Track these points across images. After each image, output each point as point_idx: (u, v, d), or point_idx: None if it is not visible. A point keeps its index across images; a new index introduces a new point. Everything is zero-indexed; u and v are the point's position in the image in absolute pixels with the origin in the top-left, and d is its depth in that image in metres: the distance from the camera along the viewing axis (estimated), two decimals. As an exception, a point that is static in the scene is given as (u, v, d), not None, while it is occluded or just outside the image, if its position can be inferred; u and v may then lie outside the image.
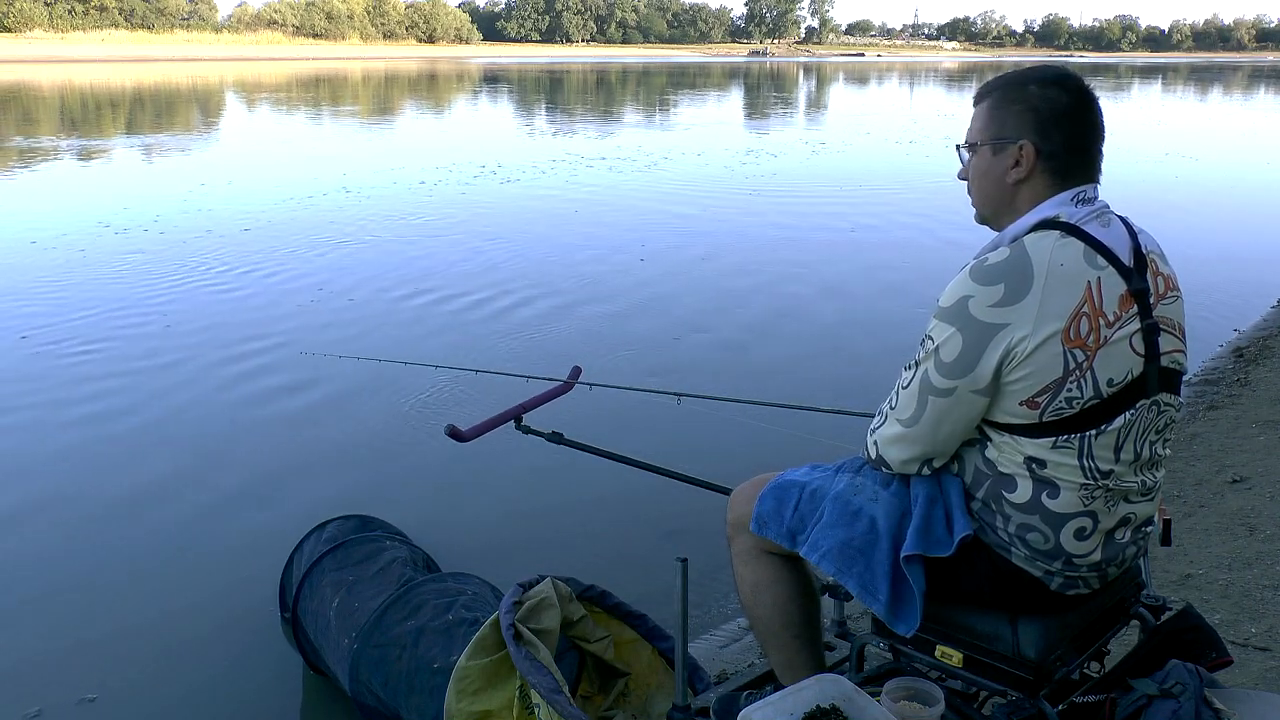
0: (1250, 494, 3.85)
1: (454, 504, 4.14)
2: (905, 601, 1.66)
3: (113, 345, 6.17)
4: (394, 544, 3.10)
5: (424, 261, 8.60)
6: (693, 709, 2.10)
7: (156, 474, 4.39)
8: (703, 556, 2.91)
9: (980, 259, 1.59)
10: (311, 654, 2.93)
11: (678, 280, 8.00)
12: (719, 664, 3.01)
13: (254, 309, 6.97)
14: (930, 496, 1.67)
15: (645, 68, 73.27)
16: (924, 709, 1.61)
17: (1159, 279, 1.63)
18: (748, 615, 1.97)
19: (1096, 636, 1.78)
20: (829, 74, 67.73)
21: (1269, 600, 3.01)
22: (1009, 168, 1.65)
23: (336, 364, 5.52)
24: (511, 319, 6.84)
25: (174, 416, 5.03)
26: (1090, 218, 1.60)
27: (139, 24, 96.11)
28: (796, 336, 6.54)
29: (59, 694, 2.94)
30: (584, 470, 3.93)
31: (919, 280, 7.85)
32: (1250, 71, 77.23)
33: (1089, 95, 1.63)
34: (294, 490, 4.25)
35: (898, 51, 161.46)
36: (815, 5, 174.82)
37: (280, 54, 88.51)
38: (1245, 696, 1.63)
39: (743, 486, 1.95)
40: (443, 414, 4.82)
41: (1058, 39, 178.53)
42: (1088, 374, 1.54)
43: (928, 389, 1.60)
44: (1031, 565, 1.63)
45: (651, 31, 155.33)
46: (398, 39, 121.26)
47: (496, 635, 2.28)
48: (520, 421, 2.72)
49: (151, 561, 3.67)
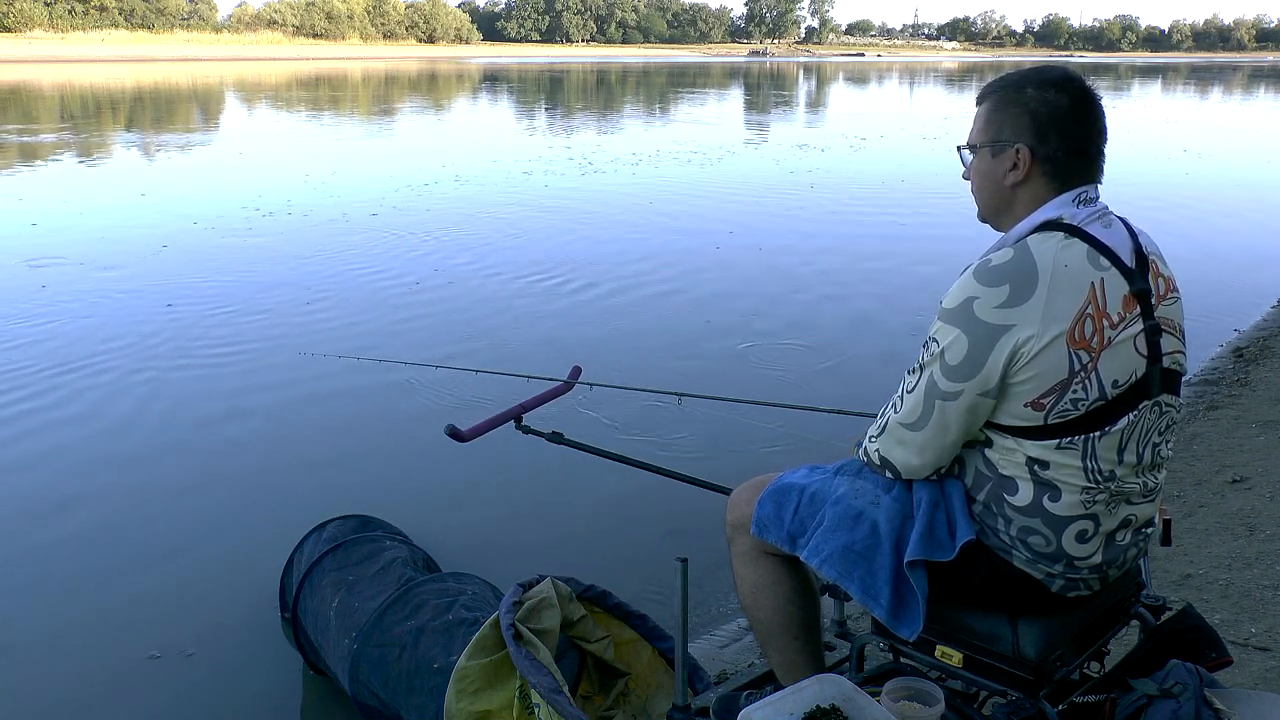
0: (1250, 494, 3.85)
1: (454, 504, 4.14)
2: (907, 605, 1.66)
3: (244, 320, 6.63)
4: (394, 544, 3.11)
5: (578, 246, 9.19)
6: (693, 709, 2.10)
7: (156, 473, 4.39)
8: (703, 556, 2.91)
9: (984, 260, 1.59)
10: (311, 654, 2.93)
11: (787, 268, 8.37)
12: (719, 664, 3.01)
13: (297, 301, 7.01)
14: (933, 500, 1.67)
15: (645, 68, 73.19)
16: (924, 709, 1.61)
17: (1160, 280, 1.63)
18: (748, 616, 1.97)
19: (1096, 636, 1.78)
20: (830, 74, 67.64)
21: (1269, 600, 3.01)
22: (1007, 170, 1.65)
23: (337, 364, 5.52)
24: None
25: (174, 414, 5.03)
26: (1092, 219, 1.60)
27: (139, 24, 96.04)
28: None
29: (60, 694, 2.94)
30: (584, 470, 3.93)
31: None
32: (1250, 71, 77.17)
33: (1089, 97, 1.62)
34: (294, 490, 4.25)
35: (897, 51, 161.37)
36: (815, 5, 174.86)
37: (280, 54, 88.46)
38: (1245, 696, 1.63)
39: (742, 487, 1.95)
40: (442, 414, 4.82)
41: (1058, 39, 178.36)
42: (1093, 375, 1.53)
43: (934, 393, 1.60)
44: (1033, 568, 1.63)
45: (651, 31, 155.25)
46: (398, 39, 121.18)
47: (496, 635, 2.28)
48: (520, 421, 2.72)
49: (151, 561, 3.67)
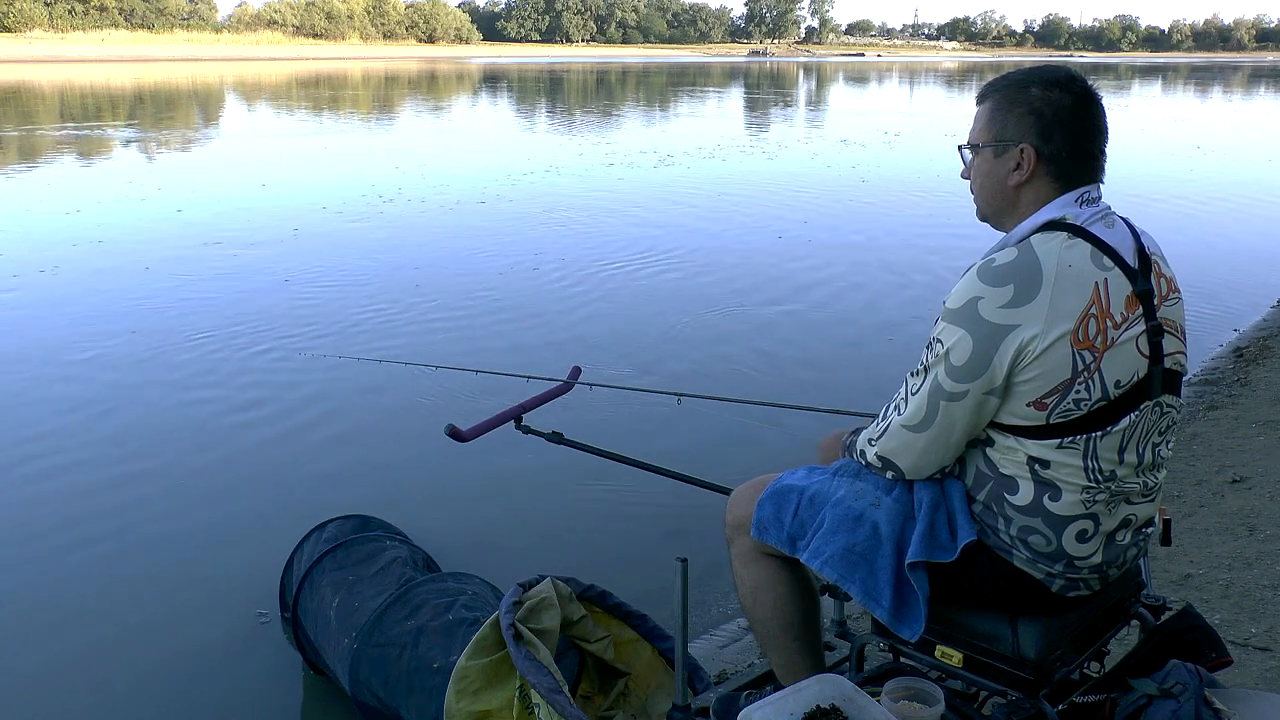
0: (1250, 494, 3.85)
1: (454, 504, 4.14)
2: (909, 606, 1.66)
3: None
4: (394, 544, 3.10)
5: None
6: (693, 709, 2.10)
7: (157, 473, 4.39)
8: (703, 556, 2.91)
9: (987, 260, 1.58)
10: (311, 654, 2.93)
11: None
12: (719, 664, 3.01)
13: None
14: (934, 501, 1.67)
15: (645, 68, 73.17)
16: (924, 709, 1.60)
17: (1162, 280, 1.63)
18: (747, 616, 1.97)
19: (1096, 636, 1.78)
20: (831, 74, 67.61)
21: (1269, 600, 3.01)
22: (1010, 170, 1.64)
23: (337, 364, 5.52)
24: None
25: (172, 411, 5.03)
26: (1095, 219, 1.59)
27: (139, 24, 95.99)
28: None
29: (60, 694, 2.94)
30: (584, 470, 3.93)
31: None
32: (1251, 71, 77.16)
33: (1092, 97, 1.62)
34: (294, 490, 4.25)
35: (897, 51, 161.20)
36: (815, 5, 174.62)
37: (280, 54, 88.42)
38: (1245, 696, 1.63)
39: (742, 488, 1.95)
40: (442, 414, 4.82)
41: (1058, 39, 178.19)
42: (1096, 375, 1.53)
43: (939, 394, 1.59)
44: (1033, 568, 1.63)
45: (651, 31, 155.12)
46: (398, 39, 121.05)
47: (496, 635, 2.28)
48: (520, 421, 2.72)
49: (151, 560, 3.67)
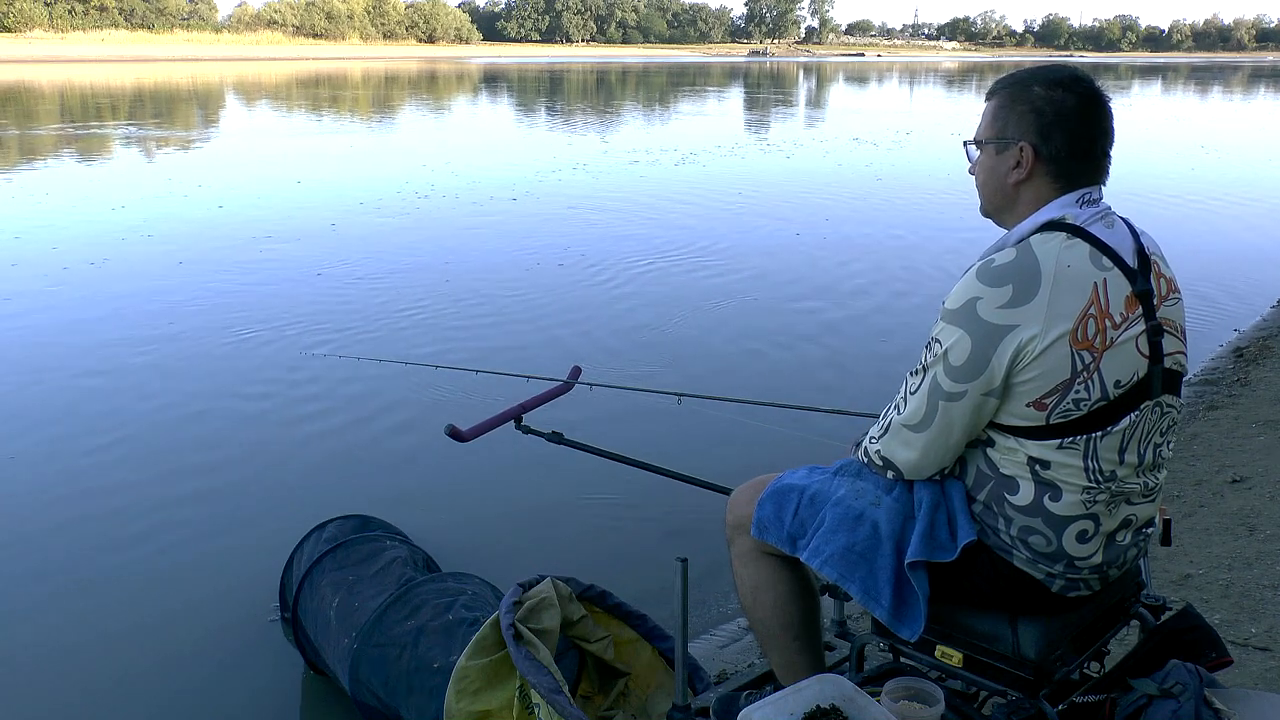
0: (1250, 494, 3.85)
1: (454, 504, 4.14)
2: (909, 606, 1.66)
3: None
4: (394, 544, 3.10)
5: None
6: (693, 709, 2.10)
7: (156, 471, 4.39)
8: (703, 556, 2.91)
9: (986, 260, 1.58)
10: (311, 654, 2.93)
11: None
12: (719, 664, 3.01)
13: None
14: (934, 501, 1.67)
15: (646, 68, 73.18)
16: (924, 709, 1.60)
17: (1161, 281, 1.62)
18: (748, 616, 1.97)
19: (1096, 636, 1.78)
20: (831, 74, 67.61)
21: (1269, 600, 3.01)
22: (1010, 168, 1.64)
23: (338, 363, 5.52)
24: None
25: (172, 411, 5.04)
26: (1095, 219, 1.59)
27: (139, 24, 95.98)
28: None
29: (60, 694, 2.94)
30: (584, 470, 3.93)
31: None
32: (1251, 71, 77.15)
33: (1097, 98, 1.61)
34: (294, 490, 4.25)
35: (897, 51, 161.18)
36: (815, 5, 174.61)
37: (280, 54, 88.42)
38: (1245, 696, 1.63)
39: (742, 488, 1.94)
40: (442, 414, 4.82)
41: (1058, 39, 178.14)
42: (1095, 375, 1.53)
43: (938, 394, 1.59)
44: (1033, 568, 1.63)
45: (651, 31, 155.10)
46: (398, 39, 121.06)
47: (496, 635, 2.28)
48: (520, 421, 2.72)
49: (151, 560, 3.67)
